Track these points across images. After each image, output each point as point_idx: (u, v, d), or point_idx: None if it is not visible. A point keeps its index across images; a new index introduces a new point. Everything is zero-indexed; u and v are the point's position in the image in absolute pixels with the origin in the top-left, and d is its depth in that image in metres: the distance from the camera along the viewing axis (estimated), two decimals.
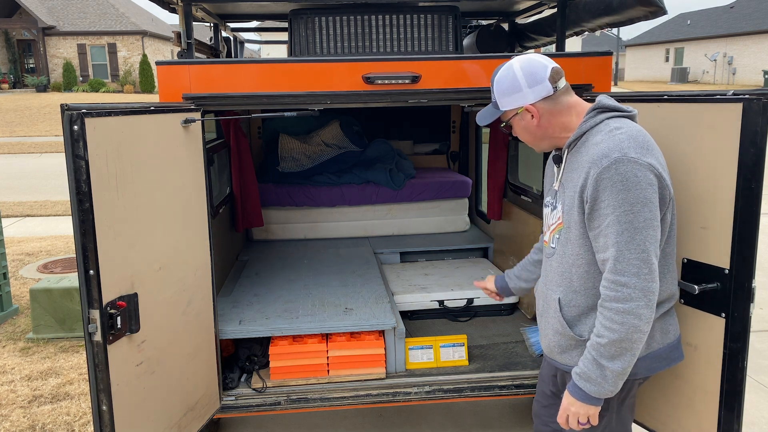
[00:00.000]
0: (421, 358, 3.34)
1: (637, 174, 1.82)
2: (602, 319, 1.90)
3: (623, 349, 1.87)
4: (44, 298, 4.88)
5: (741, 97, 2.05)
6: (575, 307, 2.05)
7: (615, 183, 1.82)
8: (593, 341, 1.92)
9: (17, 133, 20.24)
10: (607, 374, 1.90)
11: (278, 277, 4.12)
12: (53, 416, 3.79)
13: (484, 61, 2.82)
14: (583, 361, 1.96)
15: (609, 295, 1.87)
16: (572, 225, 1.99)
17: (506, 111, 2.05)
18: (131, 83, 32.48)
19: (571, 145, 2.02)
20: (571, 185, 1.98)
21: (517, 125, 2.08)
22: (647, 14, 2.79)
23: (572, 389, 1.99)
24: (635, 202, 1.82)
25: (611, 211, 1.84)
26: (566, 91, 2.03)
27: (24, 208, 10.05)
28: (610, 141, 1.87)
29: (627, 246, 1.83)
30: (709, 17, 41.91)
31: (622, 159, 1.82)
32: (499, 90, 2.03)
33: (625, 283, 1.84)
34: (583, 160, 1.93)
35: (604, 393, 1.93)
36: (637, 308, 1.84)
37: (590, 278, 2.00)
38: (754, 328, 4.46)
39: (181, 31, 3.06)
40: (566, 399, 2.01)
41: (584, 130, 1.98)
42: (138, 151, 2.36)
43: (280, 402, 3.04)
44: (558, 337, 2.11)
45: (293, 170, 5.39)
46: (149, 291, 2.43)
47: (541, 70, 1.98)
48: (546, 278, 2.18)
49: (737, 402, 2.21)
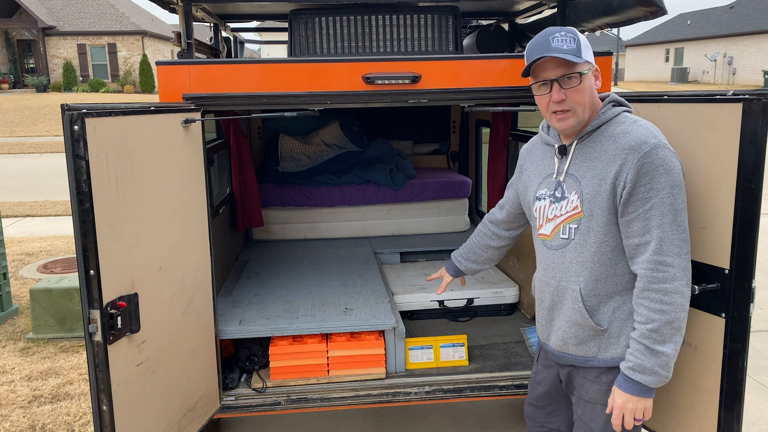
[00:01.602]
0: (421, 358, 3.34)
1: (672, 159, 1.91)
2: (649, 303, 1.91)
3: (674, 329, 1.90)
4: (44, 298, 4.88)
5: (741, 97, 2.05)
6: (596, 296, 2.05)
7: (657, 167, 1.89)
8: (641, 330, 1.91)
9: (17, 133, 20.24)
10: (662, 360, 1.90)
11: (278, 277, 4.12)
12: (53, 416, 3.79)
13: (484, 61, 2.82)
14: (633, 354, 1.93)
15: (655, 277, 1.90)
16: (597, 213, 1.99)
17: (587, 62, 1.98)
18: (131, 83, 32.48)
19: (585, 136, 2.03)
20: (592, 174, 1.99)
21: (587, 81, 2.00)
22: (647, 14, 2.79)
23: (626, 386, 1.95)
24: (674, 185, 1.90)
25: (654, 194, 1.89)
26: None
27: (24, 208, 10.05)
28: (641, 129, 1.95)
29: (671, 227, 1.89)
30: (709, 17, 41.91)
31: (659, 145, 1.91)
32: (583, 40, 1.99)
33: (670, 263, 1.89)
34: (610, 149, 1.96)
35: (661, 381, 1.93)
36: (681, 287, 1.89)
37: (613, 265, 2.02)
38: (754, 328, 4.46)
39: (181, 31, 3.06)
40: (619, 397, 1.96)
41: (603, 120, 2.02)
42: (138, 151, 2.36)
43: (280, 402, 3.04)
44: (576, 328, 2.09)
45: (293, 170, 5.39)
46: (149, 291, 2.43)
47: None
48: (556, 270, 2.13)
49: (737, 402, 2.21)
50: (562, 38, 1.96)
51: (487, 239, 2.62)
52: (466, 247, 2.71)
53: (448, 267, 2.77)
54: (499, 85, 2.81)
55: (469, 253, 2.69)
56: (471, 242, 2.69)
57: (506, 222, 2.53)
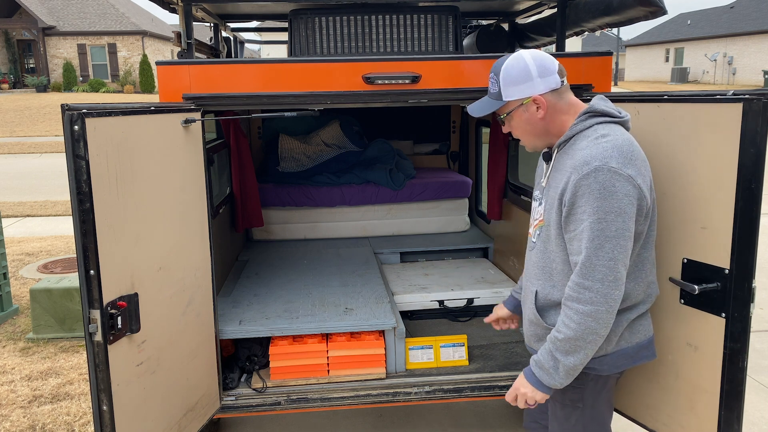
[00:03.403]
0: (421, 358, 3.34)
1: (615, 184, 1.85)
2: (563, 317, 1.98)
3: (577, 347, 1.95)
4: (44, 298, 4.88)
5: (741, 97, 2.05)
6: (550, 299, 2.11)
7: (592, 191, 1.86)
8: (552, 335, 2.01)
9: (17, 133, 20.24)
10: (559, 367, 1.98)
11: (278, 277, 4.12)
12: (53, 416, 3.79)
13: (484, 61, 2.82)
14: (541, 351, 2.04)
15: (572, 296, 1.95)
16: (551, 224, 2.04)
17: (509, 102, 2.00)
18: (131, 83, 32.49)
19: (561, 146, 2.04)
20: (554, 185, 2.03)
21: (518, 118, 2.03)
22: (647, 14, 2.79)
23: (527, 373, 2.08)
24: (609, 211, 1.86)
25: (586, 217, 1.88)
26: (568, 89, 2.06)
27: (24, 208, 10.05)
28: (593, 148, 1.90)
29: (596, 252, 1.88)
30: (709, 17, 41.91)
31: (602, 168, 1.85)
32: (506, 78, 1.98)
33: (588, 287, 1.90)
34: (567, 164, 1.96)
35: (553, 384, 2.01)
36: (596, 312, 1.90)
37: (565, 276, 2.06)
38: (754, 328, 4.46)
39: (181, 31, 3.06)
40: (519, 379, 2.10)
41: (573, 132, 2.00)
42: (138, 151, 2.36)
43: (280, 402, 3.04)
44: (533, 327, 2.20)
45: (293, 170, 5.39)
46: (149, 291, 2.43)
47: (551, 62, 2.00)
48: (527, 271, 2.24)
49: (737, 402, 2.21)
50: (491, 81, 2.02)
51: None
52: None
53: (507, 302, 2.59)
54: None
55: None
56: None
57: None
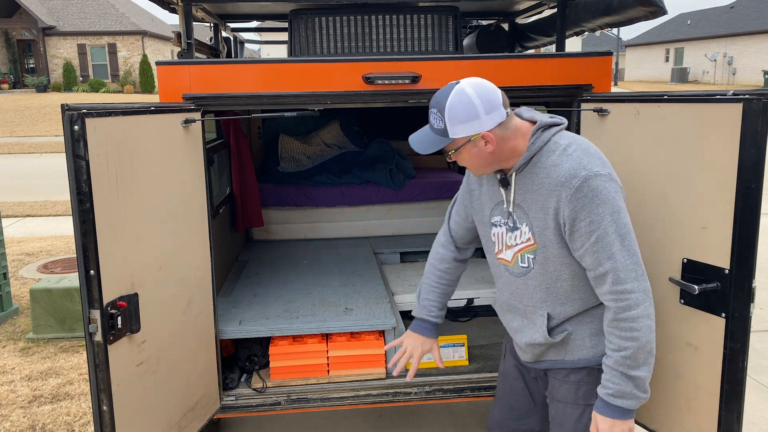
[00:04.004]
0: None
1: (606, 186, 1.86)
2: (620, 333, 1.90)
3: (647, 352, 1.90)
4: (44, 298, 4.88)
5: (741, 97, 2.05)
6: (561, 317, 2.07)
7: (592, 199, 1.85)
8: (615, 358, 1.91)
9: (17, 133, 20.24)
10: (639, 383, 1.91)
11: (278, 277, 4.12)
12: (53, 416, 3.79)
13: (484, 61, 2.82)
14: (610, 381, 1.93)
15: (620, 306, 1.88)
16: (549, 245, 1.98)
17: (456, 139, 1.94)
18: (131, 83, 32.48)
19: (521, 168, 1.99)
20: (537, 207, 1.96)
21: (467, 153, 1.97)
22: (647, 14, 2.79)
23: (607, 411, 1.95)
24: (612, 211, 1.86)
25: (596, 227, 1.86)
26: (511, 114, 2.00)
27: (24, 208, 10.05)
28: (570, 160, 1.90)
29: (621, 254, 1.87)
30: (709, 17, 41.91)
31: (590, 176, 1.86)
32: (452, 117, 1.90)
33: (630, 290, 1.87)
34: (546, 182, 1.93)
35: (640, 402, 1.94)
36: (646, 309, 1.88)
37: (576, 289, 2.02)
38: (754, 328, 4.46)
39: (181, 31, 3.06)
40: (603, 422, 1.95)
41: (533, 152, 1.95)
42: (138, 151, 2.36)
43: (280, 402, 3.04)
44: (539, 347, 2.14)
45: (293, 170, 5.39)
46: (149, 291, 2.43)
47: (494, 95, 1.93)
48: (522, 296, 2.13)
49: (737, 402, 2.21)
50: (434, 116, 1.95)
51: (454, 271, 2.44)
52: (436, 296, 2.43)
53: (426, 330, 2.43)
54: (499, 85, 2.80)
55: (443, 299, 2.45)
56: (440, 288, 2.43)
57: (465, 243, 2.42)
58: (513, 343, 2.34)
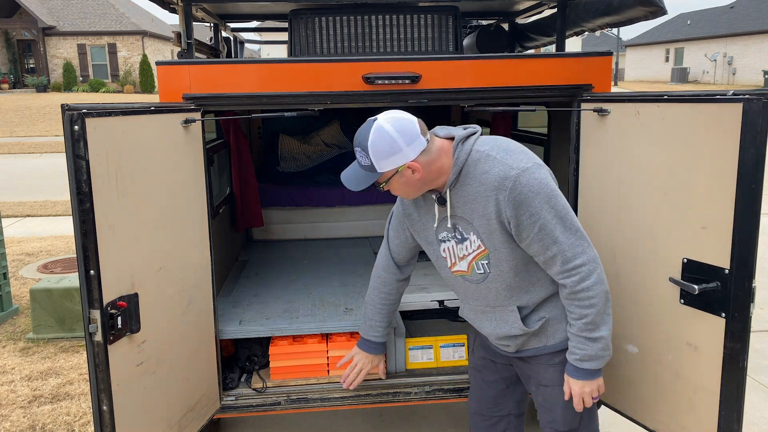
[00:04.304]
0: (421, 358, 3.34)
1: (535, 177, 1.99)
2: (578, 302, 2.05)
3: (605, 314, 2.06)
4: (44, 298, 4.88)
5: (741, 97, 2.05)
6: (530, 306, 2.20)
7: (527, 194, 1.97)
8: (578, 326, 2.07)
9: (17, 133, 20.24)
10: (602, 344, 2.08)
11: (278, 277, 4.12)
12: (53, 416, 3.79)
13: (484, 61, 2.82)
14: (576, 347, 2.10)
15: (574, 281, 2.03)
16: (499, 247, 2.09)
17: (384, 172, 2.03)
18: (131, 83, 32.49)
19: (452, 184, 2.09)
20: (478, 215, 2.07)
21: (397, 183, 2.08)
22: (647, 14, 2.79)
23: (578, 374, 2.12)
24: (548, 199, 1.99)
25: (536, 218, 1.98)
26: (432, 137, 2.09)
27: (24, 208, 10.05)
28: (497, 165, 2.01)
29: (563, 235, 2.00)
30: (709, 17, 41.91)
31: (519, 173, 1.98)
32: (376, 154, 1.99)
33: (581, 264, 2.02)
34: (481, 190, 2.03)
35: (606, 361, 2.12)
36: (599, 276, 2.03)
37: (536, 276, 2.15)
38: (754, 328, 4.46)
39: (181, 31, 3.05)
40: (575, 385, 2.13)
41: (460, 167, 2.06)
42: (138, 151, 2.36)
43: (280, 402, 3.04)
44: (517, 339, 2.25)
45: (293, 170, 5.39)
46: (149, 291, 2.43)
47: (412, 126, 2.01)
48: (487, 299, 2.24)
49: (737, 402, 2.21)
50: (360, 155, 2.04)
51: (397, 291, 2.66)
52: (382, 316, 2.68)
53: (374, 349, 2.74)
54: (499, 85, 2.81)
55: (388, 318, 2.70)
56: (385, 308, 2.67)
57: (407, 261, 2.62)
58: (482, 338, 2.46)
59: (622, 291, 2.61)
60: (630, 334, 2.61)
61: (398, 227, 2.47)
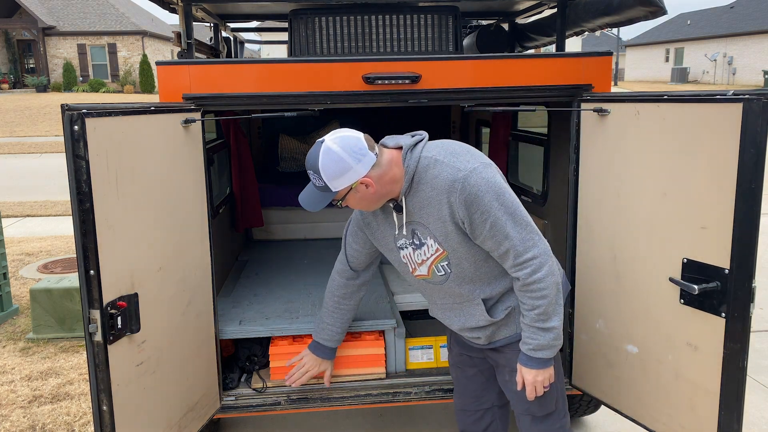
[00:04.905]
0: (421, 358, 3.34)
1: (483, 176, 2.06)
2: (531, 294, 2.11)
3: (556, 304, 2.14)
4: (44, 298, 4.88)
5: (741, 97, 2.05)
6: (494, 296, 2.27)
7: (476, 193, 2.03)
8: (531, 316, 2.14)
9: (17, 133, 20.24)
10: (554, 334, 2.15)
11: (278, 277, 4.12)
12: (53, 416, 3.79)
13: (484, 61, 2.82)
14: (529, 337, 2.17)
15: (526, 273, 2.09)
16: (457, 247, 2.16)
17: (339, 191, 2.10)
18: (131, 83, 32.50)
19: (406, 192, 2.15)
20: (434, 219, 2.14)
21: (353, 199, 2.15)
22: (647, 14, 2.79)
23: (531, 363, 2.20)
24: (497, 196, 2.05)
25: (487, 216, 2.05)
26: (381, 150, 2.14)
27: (24, 208, 10.05)
28: (446, 169, 2.08)
29: (514, 230, 2.07)
30: (709, 17, 41.92)
31: (467, 175, 2.04)
32: (328, 175, 2.06)
33: (532, 257, 2.09)
34: (434, 194, 2.10)
35: (556, 350, 2.21)
36: (550, 268, 2.11)
37: (493, 268, 2.22)
38: (754, 328, 4.46)
39: (181, 31, 3.05)
40: (528, 374, 2.21)
41: (412, 172, 2.12)
42: (138, 151, 2.36)
43: (280, 402, 3.04)
44: (492, 328, 2.31)
45: (293, 170, 5.39)
46: (149, 291, 2.43)
47: (357, 142, 2.07)
48: (452, 296, 2.32)
49: (737, 402, 2.21)
50: (313, 177, 2.11)
51: (351, 297, 2.76)
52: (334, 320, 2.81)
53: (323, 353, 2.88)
54: (499, 85, 2.81)
55: (342, 323, 2.82)
56: (339, 312, 2.79)
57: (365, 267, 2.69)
58: (456, 334, 2.51)
59: (622, 291, 2.61)
60: (630, 334, 2.61)
61: (357, 233, 2.55)
